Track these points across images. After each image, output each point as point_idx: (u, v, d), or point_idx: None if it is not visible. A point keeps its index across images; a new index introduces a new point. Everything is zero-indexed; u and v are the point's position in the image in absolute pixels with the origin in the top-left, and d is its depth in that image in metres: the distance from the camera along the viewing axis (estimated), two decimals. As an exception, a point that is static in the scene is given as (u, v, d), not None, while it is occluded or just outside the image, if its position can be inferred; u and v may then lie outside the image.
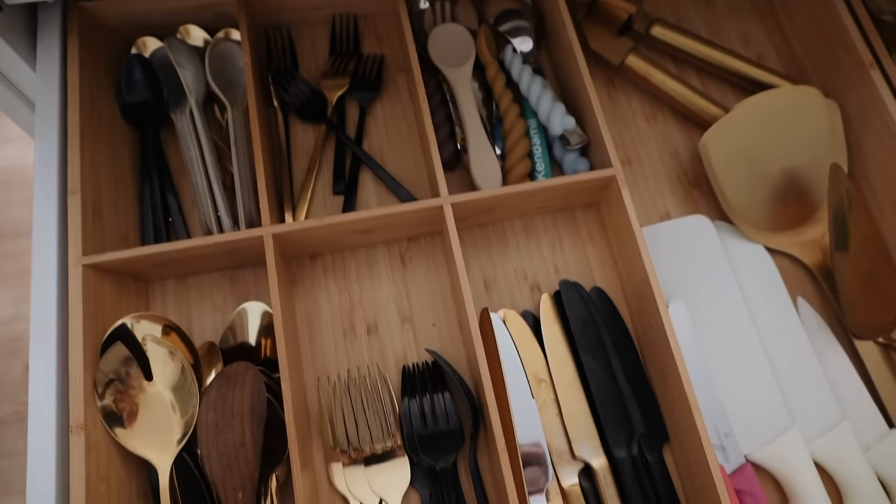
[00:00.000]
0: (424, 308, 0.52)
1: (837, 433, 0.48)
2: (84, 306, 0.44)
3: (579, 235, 0.55)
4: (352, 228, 0.49)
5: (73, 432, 0.41)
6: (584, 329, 0.50)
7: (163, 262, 0.48)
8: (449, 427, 0.47)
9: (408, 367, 0.49)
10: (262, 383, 0.43)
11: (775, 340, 0.51)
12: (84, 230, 0.46)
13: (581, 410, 0.48)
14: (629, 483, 0.46)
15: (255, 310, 0.50)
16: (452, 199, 0.48)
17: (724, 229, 0.55)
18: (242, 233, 0.46)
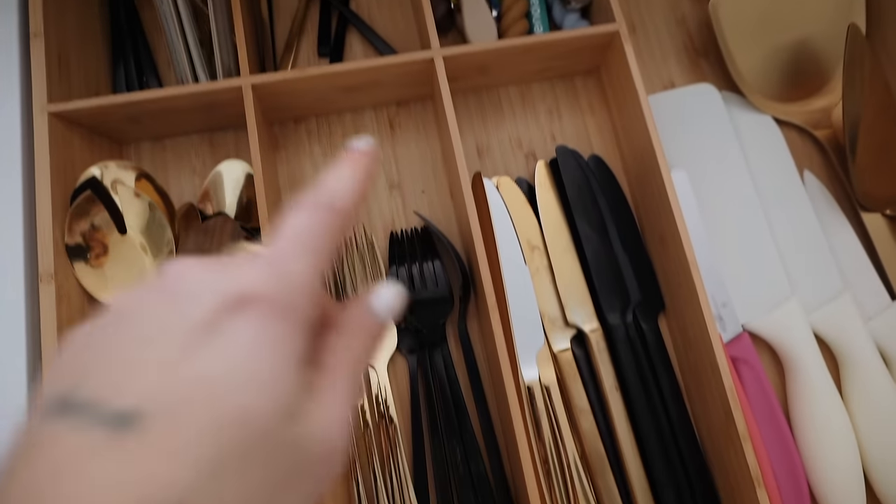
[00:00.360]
0: (414, 174, 0.49)
1: (838, 304, 0.46)
2: (52, 157, 0.41)
3: (578, 104, 0.52)
4: (336, 84, 0.46)
5: (42, 282, 0.39)
6: (580, 195, 0.47)
7: (136, 117, 0.45)
8: (438, 292, 0.45)
9: (396, 233, 0.47)
10: (241, 235, 0.41)
11: (779, 212, 0.49)
12: (49, 78, 0.43)
13: (575, 277, 0.47)
14: (622, 349, 0.45)
15: (235, 171, 0.47)
16: (444, 52, 0.45)
17: (731, 99, 0.52)
18: (220, 83, 0.43)
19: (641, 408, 0.44)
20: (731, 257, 0.48)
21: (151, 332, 0.17)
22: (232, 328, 0.17)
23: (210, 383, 0.16)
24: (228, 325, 0.17)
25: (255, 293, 0.18)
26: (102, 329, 0.18)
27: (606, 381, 0.45)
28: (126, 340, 0.17)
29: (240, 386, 0.17)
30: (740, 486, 0.40)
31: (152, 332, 0.17)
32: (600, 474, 0.43)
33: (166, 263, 0.19)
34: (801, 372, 0.45)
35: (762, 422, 0.44)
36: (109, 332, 0.18)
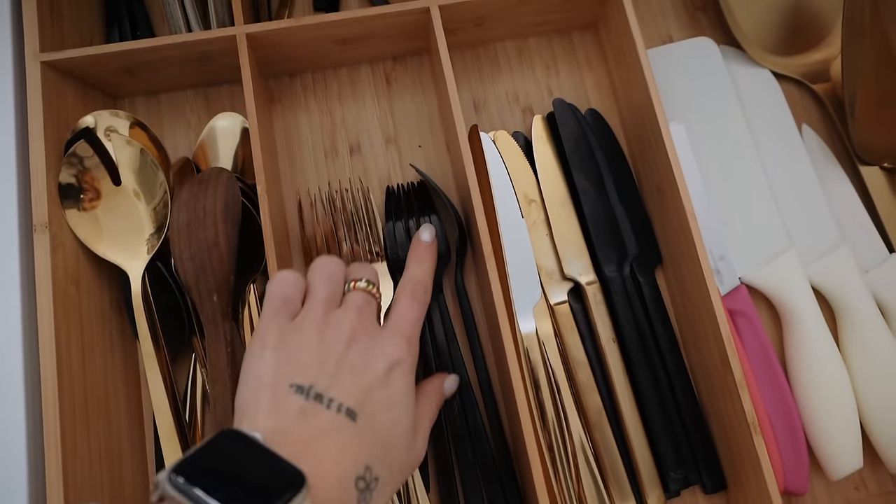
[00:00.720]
0: (410, 129, 0.49)
1: (836, 256, 0.46)
2: (45, 106, 0.41)
3: (576, 59, 0.51)
4: (331, 35, 0.45)
5: (36, 231, 0.39)
6: (577, 149, 0.47)
7: (130, 68, 0.45)
8: None
9: (392, 188, 0.47)
10: (237, 186, 0.41)
11: (777, 165, 0.49)
12: (42, 28, 0.42)
13: (572, 230, 0.46)
14: (619, 302, 0.45)
15: (230, 125, 0.47)
16: (440, 1, 0.44)
17: (730, 53, 0.52)
18: (213, 32, 0.43)
19: (638, 360, 0.44)
20: (728, 211, 0.48)
21: (356, 368, 0.32)
22: (393, 378, 0.32)
23: (386, 406, 0.32)
24: (392, 376, 0.32)
25: (402, 358, 0.33)
26: (314, 352, 0.32)
27: (603, 334, 0.45)
28: (340, 367, 0.31)
29: (398, 410, 0.32)
30: (737, 434, 0.40)
31: (357, 368, 0.32)
32: (597, 426, 0.43)
33: (354, 319, 0.33)
34: (799, 324, 0.45)
35: (759, 374, 0.44)
36: (322, 355, 0.31)
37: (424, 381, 0.38)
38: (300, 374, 0.31)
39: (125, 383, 0.43)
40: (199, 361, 0.43)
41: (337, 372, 0.31)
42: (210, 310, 0.40)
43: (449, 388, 0.39)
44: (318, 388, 0.30)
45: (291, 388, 0.30)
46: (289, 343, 0.32)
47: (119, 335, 0.43)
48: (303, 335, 0.32)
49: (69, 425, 0.37)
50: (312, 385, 0.30)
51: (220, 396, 0.39)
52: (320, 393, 0.30)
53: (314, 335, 0.32)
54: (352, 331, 0.33)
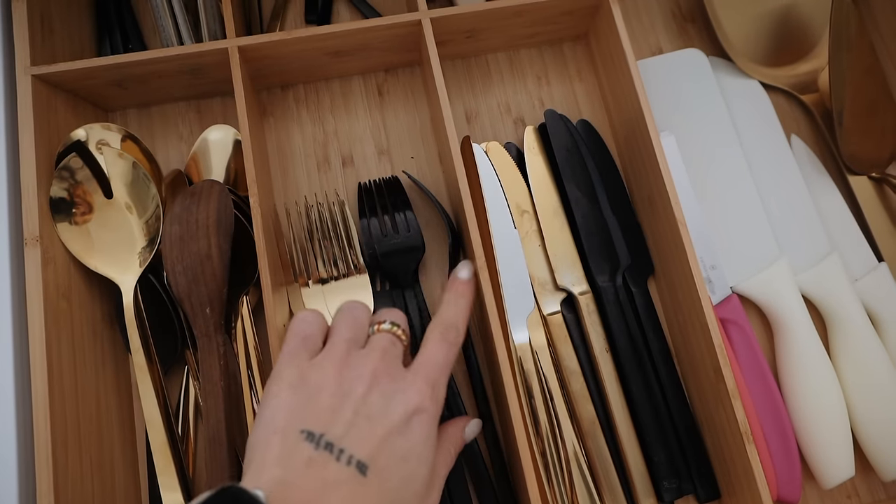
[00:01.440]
0: (403, 141, 0.49)
1: (826, 265, 0.47)
2: (36, 121, 0.40)
3: (567, 70, 0.52)
4: (323, 47, 0.46)
5: (27, 245, 0.39)
6: (568, 159, 0.47)
7: (121, 81, 0.45)
8: (409, 239, 0.45)
9: (363, 184, 0.47)
10: (229, 198, 0.41)
11: (767, 176, 0.49)
12: (32, 42, 0.42)
13: (564, 240, 0.47)
14: (612, 312, 0.45)
15: (222, 137, 0.47)
16: (431, 14, 0.45)
17: (719, 65, 0.52)
18: (205, 45, 0.43)
19: (631, 369, 0.44)
20: (719, 220, 0.48)
21: (373, 415, 0.30)
22: (413, 426, 0.31)
23: (401, 457, 0.30)
24: (412, 424, 0.31)
25: (424, 406, 0.31)
26: (330, 394, 0.30)
27: (596, 344, 0.45)
28: (356, 414, 0.30)
29: (414, 462, 0.30)
30: (730, 443, 0.41)
31: (373, 415, 0.30)
32: (591, 435, 0.43)
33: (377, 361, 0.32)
34: (790, 332, 0.45)
35: (751, 382, 0.45)
36: (338, 399, 0.30)
37: (444, 425, 0.36)
38: (313, 419, 0.29)
39: (117, 397, 0.42)
40: (191, 374, 0.43)
41: (353, 419, 0.30)
42: (203, 323, 0.40)
43: (470, 434, 0.38)
44: (329, 436, 0.29)
45: (302, 434, 0.29)
46: (306, 383, 0.31)
47: (111, 349, 0.43)
48: (322, 374, 0.31)
49: (60, 439, 0.37)
50: (324, 433, 0.29)
51: (213, 409, 0.39)
52: (331, 442, 0.29)
53: (333, 375, 0.31)
54: (373, 372, 0.31)
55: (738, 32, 0.51)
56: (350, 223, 0.45)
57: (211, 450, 0.39)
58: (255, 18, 0.51)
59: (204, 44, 0.43)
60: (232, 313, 0.43)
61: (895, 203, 0.49)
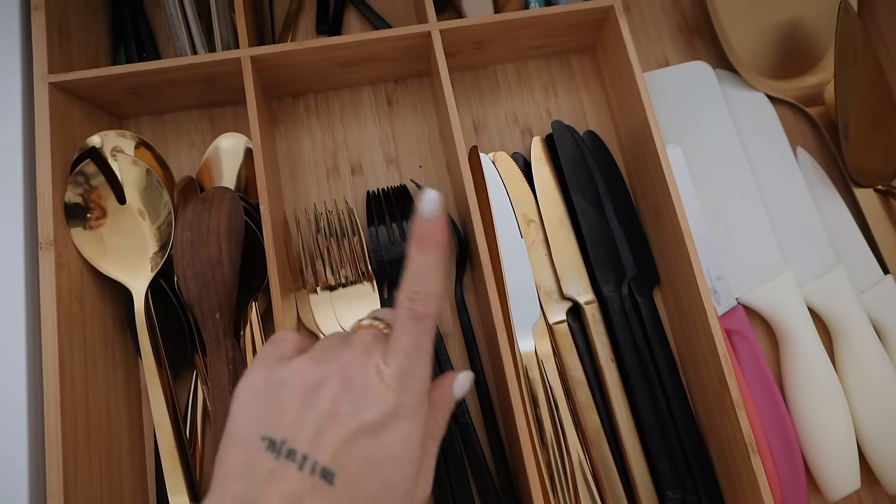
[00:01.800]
0: (411, 150, 0.50)
1: (831, 277, 0.47)
2: (52, 126, 0.41)
3: (574, 81, 0.52)
4: (334, 58, 0.46)
5: (42, 249, 0.40)
6: (575, 169, 0.48)
7: (135, 89, 0.46)
8: None
9: (372, 192, 0.47)
10: (240, 205, 0.42)
11: (772, 187, 0.49)
12: (50, 50, 0.43)
13: (571, 250, 0.47)
14: (618, 322, 0.45)
15: (234, 145, 0.47)
16: (440, 26, 0.45)
17: (725, 77, 0.52)
18: (219, 54, 0.44)
19: (637, 379, 0.44)
20: (725, 232, 0.48)
21: (339, 414, 0.26)
22: (389, 428, 0.26)
23: (375, 463, 0.26)
24: (388, 426, 0.26)
25: (401, 402, 0.27)
26: (294, 392, 0.26)
27: (602, 353, 0.45)
28: (321, 413, 0.26)
29: (390, 468, 0.26)
30: (734, 454, 0.41)
31: (340, 414, 0.26)
32: (595, 445, 0.43)
33: (351, 359, 0.28)
34: (795, 343, 0.45)
35: (756, 393, 0.45)
36: (302, 398, 0.26)
37: (429, 389, 0.30)
38: (274, 424, 0.26)
39: (127, 399, 0.43)
40: (200, 379, 0.43)
41: (317, 420, 0.26)
42: (212, 327, 0.40)
43: (459, 390, 0.32)
44: (291, 442, 0.25)
45: (263, 442, 0.26)
46: (269, 382, 0.27)
47: (121, 352, 0.44)
48: (287, 371, 0.27)
49: (71, 441, 0.37)
50: (286, 440, 0.25)
51: (221, 413, 0.39)
52: (293, 449, 0.25)
53: (300, 373, 0.27)
54: (344, 368, 0.27)
55: (745, 45, 0.52)
56: (359, 230, 0.46)
57: (218, 453, 0.39)
58: (268, 29, 0.51)
59: (217, 53, 0.44)
60: (241, 319, 0.43)
61: (901, 216, 0.49)
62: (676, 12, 0.55)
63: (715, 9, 0.51)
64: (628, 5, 0.55)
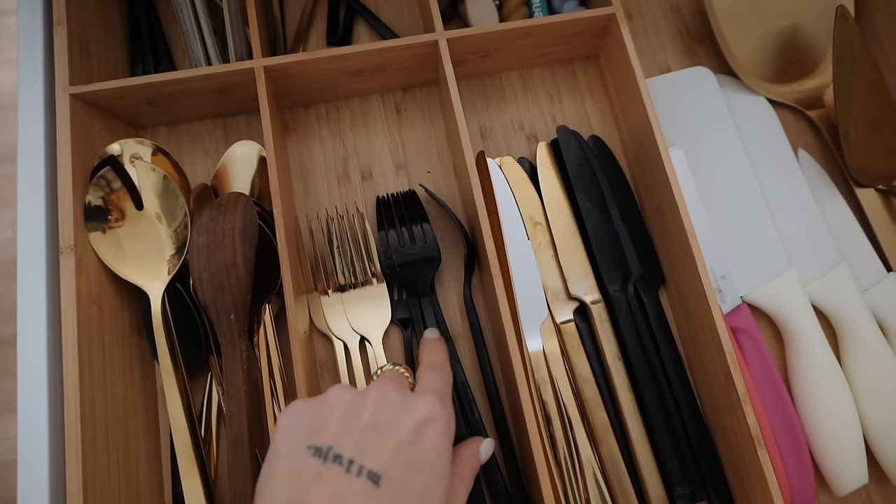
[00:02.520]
0: (419, 156, 0.51)
1: (835, 275, 0.47)
2: (73, 137, 0.43)
3: (578, 88, 0.54)
4: (344, 67, 0.48)
5: (63, 254, 0.41)
6: (580, 172, 0.49)
7: (153, 100, 0.47)
8: (425, 250, 0.47)
9: (381, 197, 0.48)
10: (254, 209, 0.43)
11: (775, 188, 0.50)
12: (71, 63, 0.45)
13: (577, 251, 0.48)
14: (624, 321, 0.46)
15: (247, 152, 0.49)
16: (448, 35, 0.47)
17: (726, 82, 0.54)
18: (233, 65, 0.45)
19: (644, 377, 0.45)
20: (729, 232, 0.49)
21: (382, 425, 0.29)
22: (425, 435, 0.30)
23: (415, 468, 0.29)
24: (423, 433, 0.30)
25: (435, 414, 0.31)
26: (336, 410, 0.30)
27: (609, 352, 0.46)
28: (364, 424, 0.29)
29: (428, 472, 0.29)
30: (742, 449, 0.41)
31: (383, 425, 0.29)
32: (604, 442, 0.44)
33: (384, 384, 0.32)
34: (800, 340, 0.46)
35: (763, 390, 0.45)
36: (344, 413, 0.30)
37: (459, 446, 0.36)
38: (320, 434, 0.29)
39: (143, 400, 0.44)
40: (215, 380, 0.44)
41: (362, 430, 0.29)
42: (227, 329, 0.41)
43: (485, 454, 0.37)
44: (337, 448, 0.28)
45: (309, 450, 0.28)
46: (313, 407, 0.30)
47: (138, 354, 0.45)
48: (329, 398, 0.31)
49: (89, 439, 0.38)
50: (332, 446, 0.28)
51: (236, 413, 0.40)
52: (340, 454, 0.28)
53: (340, 397, 0.30)
54: (380, 391, 0.31)
55: (745, 51, 0.53)
56: (369, 234, 0.47)
57: (233, 452, 0.40)
58: (280, 41, 0.53)
59: (232, 64, 0.45)
60: (255, 321, 0.44)
61: (903, 215, 0.50)
62: (678, 20, 0.56)
63: (715, 16, 0.53)
64: (630, 14, 0.56)
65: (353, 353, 0.45)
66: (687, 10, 0.56)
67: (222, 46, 0.51)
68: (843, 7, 0.49)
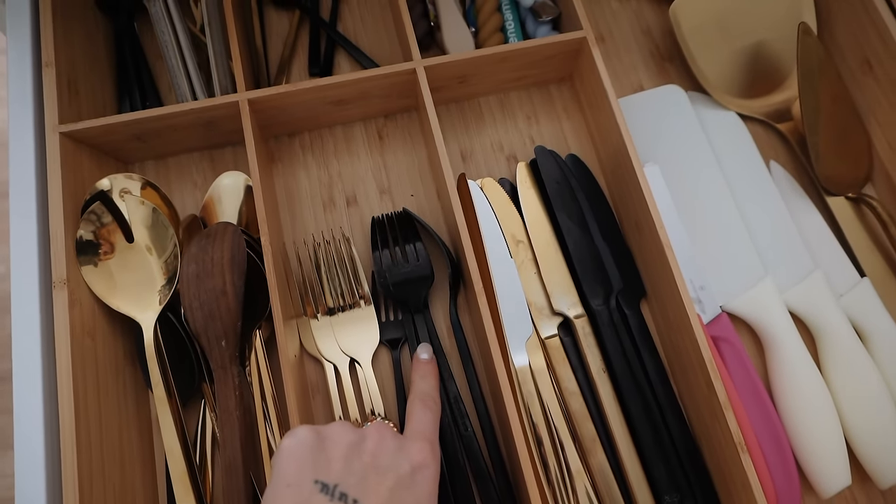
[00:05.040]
0: (402, 180, 0.52)
1: (810, 281, 0.49)
2: (63, 174, 0.44)
3: (554, 109, 0.55)
4: (326, 97, 0.49)
5: (55, 288, 0.42)
6: (559, 190, 0.50)
7: (140, 135, 0.48)
8: (419, 269, 0.48)
9: (377, 218, 0.50)
10: (242, 238, 0.44)
11: (749, 200, 0.52)
12: (60, 102, 0.46)
13: (559, 267, 0.49)
14: (607, 333, 0.47)
15: (234, 183, 0.50)
16: (425, 63, 0.48)
17: (697, 98, 0.55)
18: (218, 99, 0.47)
19: (628, 388, 0.46)
20: (706, 244, 0.50)
21: (382, 467, 0.32)
22: (418, 481, 0.32)
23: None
24: (417, 478, 0.32)
25: (427, 462, 0.33)
26: (338, 446, 0.32)
27: (593, 364, 0.47)
28: (365, 465, 0.32)
29: None
30: (726, 455, 0.42)
31: (382, 467, 0.32)
32: (592, 453, 0.45)
33: (381, 428, 0.35)
34: (779, 346, 0.47)
35: (745, 396, 0.46)
36: (346, 451, 0.32)
37: None
38: (325, 470, 0.31)
39: (138, 428, 0.44)
40: (208, 406, 0.45)
41: (364, 471, 0.31)
42: (219, 355, 0.42)
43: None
44: (342, 487, 0.30)
45: (316, 485, 0.30)
46: (319, 435, 0.32)
47: (132, 383, 0.45)
48: (330, 431, 0.33)
49: (86, 469, 0.39)
50: (337, 484, 0.30)
51: (230, 438, 0.41)
52: (345, 493, 0.30)
53: (341, 432, 0.33)
54: (379, 434, 0.33)
55: (713, 69, 0.55)
56: (355, 257, 0.48)
57: (227, 477, 0.41)
58: (263, 74, 0.55)
59: (216, 98, 0.47)
60: (246, 346, 0.45)
61: (873, 221, 0.51)
62: (648, 41, 0.58)
63: (683, 36, 0.54)
64: (602, 36, 0.58)
65: (343, 376, 0.46)
66: (657, 30, 0.58)
67: (207, 81, 0.52)
68: (805, 24, 0.51)
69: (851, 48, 0.54)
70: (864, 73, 0.53)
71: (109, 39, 0.55)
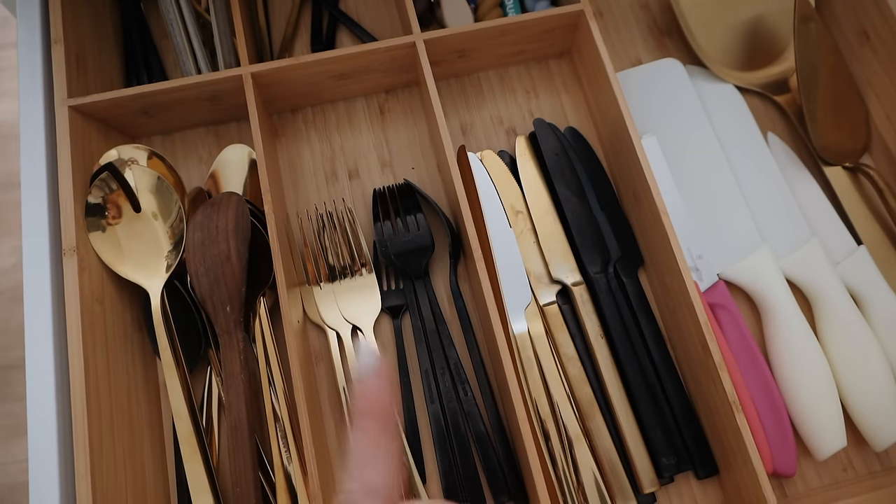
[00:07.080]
0: (404, 154, 0.53)
1: (807, 249, 0.49)
2: (72, 146, 0.45)
3: (553, 84, 0.56)
4: (328, 71, 0.50)
5: (66, 255, 0.43)
6: (558, 162, 0.51)
7: (147, 109, 0.49)
8: (419, 239, 0.49)
9: (378, 190, 0.50)
10: (246, 206, 0.45)
11: (746, 171, 0.52)
12: (69, 77, 0.47)
13: (557, 236, 0.50)
14: (605, 300, 0.48)
15: (239, 156, 0.51)
16: (424, 36, 0.49)
17: (695, 72, 0.56)
18: (223, 72, 0.48)
19: (626, 353, 0.47)
20: (704, 214, 0.51)
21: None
22: None
23: None
24: None
25: None
26: None
27: (591, 331, 0.48)
28: None
29: None
30: (722, 416, 0.43)
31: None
32: (590, 417, 0.46)
33: None
34: (777, 314, 0.48)
35: (742, 361, 0.47)
36: None
37: None
38: None
39: (146, 393, 0.46)
40: (214, 372, 0.46)
41: None
42: (224, 320, 0.43)
43: None
44: None
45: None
46: None
47: (140, 349, 0.47)
48: None
49: (96, 429, 0.40)
50: None
51: (235, 400, 0.42)
52: None
53: None
54: None
55: (711, 42, 0.55)
56: (357, 226, 0.49)
57: (233, 438, 0.42)
58: (266, 50, 0.55)
59: (221, 72, 0.48)
60: (251, 313, 0.46)
61: (870, 190, 0.52)
62: (647, 15, 0.59)
63: (681, 10, 0.55)
64: (601, 11, 0.59)
65: (345, 343, 0.47)
66: (655, 5, 0.59)
67: (212, 57, 0.53)
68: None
69: (849, 19, 0.54)
70: (862, 45, 0.54)
71: (116, 19, 0.56)
